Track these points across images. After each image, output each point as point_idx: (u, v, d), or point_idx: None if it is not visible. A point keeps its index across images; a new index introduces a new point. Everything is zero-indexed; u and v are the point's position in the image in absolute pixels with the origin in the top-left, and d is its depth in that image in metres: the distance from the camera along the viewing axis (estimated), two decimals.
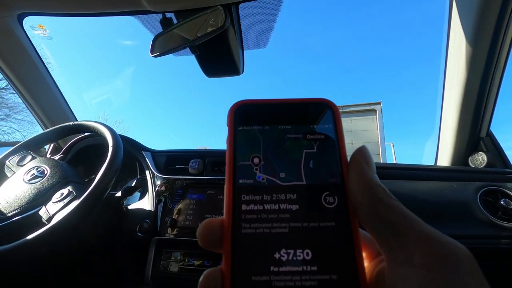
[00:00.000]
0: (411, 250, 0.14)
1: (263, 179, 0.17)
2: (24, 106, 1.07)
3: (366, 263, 0.17)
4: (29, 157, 0.81)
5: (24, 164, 0.79)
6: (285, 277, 0.15)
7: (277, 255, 0.15)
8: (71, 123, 0.86)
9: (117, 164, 0.71)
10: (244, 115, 0.19)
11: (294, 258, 0.15)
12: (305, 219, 0.16)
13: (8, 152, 0.83)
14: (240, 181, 0.17)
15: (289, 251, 0.16)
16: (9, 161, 0.81)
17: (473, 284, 0.12)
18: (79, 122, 0.86)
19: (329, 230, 0.16)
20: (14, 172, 0.78)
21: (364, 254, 0.17)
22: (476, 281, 0.12)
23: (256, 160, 0.18)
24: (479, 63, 0.79)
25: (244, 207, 0.17)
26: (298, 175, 0.17)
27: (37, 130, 1.15)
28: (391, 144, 6.86)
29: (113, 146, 0.73)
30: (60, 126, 0.87)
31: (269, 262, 0.15)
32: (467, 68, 0.81)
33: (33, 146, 0.86)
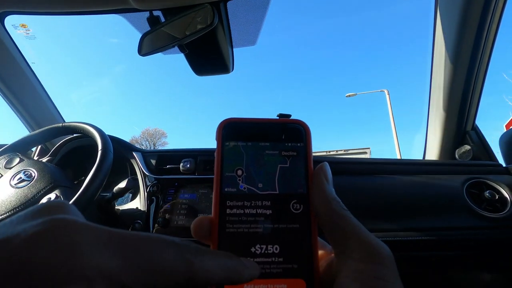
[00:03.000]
0: (352, 248, 0.18)
1: (244, 188, 0.21)
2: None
3: (320, 258, 0.22)
4: (17, 159, 0.79)
5: (12, 167, 0.77)
6: (259, 265, 0.19)
7: (253, 249, 0.20)
8: (59, 124, 0.84)
9: (106, 169, 0.70)
10: (231, 132, 0.22)
11: (266, 251, 0.20)
12: (276, 221, 0.20)
13: None
14: (226, 189, 0.21)
15: (262, 246, 0.20)
16: None
17: (387, 273, 0.17)
18: (68, 124, 0.84)
19: (294, 230, 0.20)
20: (1, 175, 0.76)
21: (320, 253, 0.21)
22: (391, 271, 0.18)
23: (239, 172, 0.21)
24: (463, 60, 0.81)
25: (228, 210, 0.20)
26: (272, 185, 0.21)
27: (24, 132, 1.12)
28: (385, 91, 7.79)
29: (102, 150, 0.72)
30: (48, 128, 0.85)
31: (247, 254, 0.19)
32: (452, 64, 0.83)
33: (21, 148, 0.84)
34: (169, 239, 0.16)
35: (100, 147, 0.73)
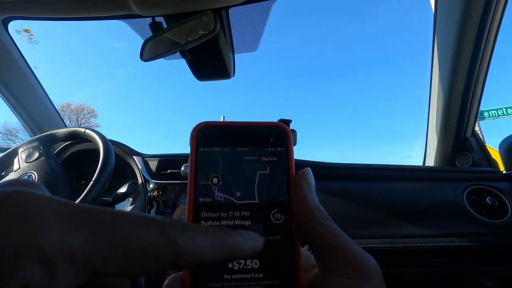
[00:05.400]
0: (336, 261, 0.17)
1: (220, 197, 0.19)
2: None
3: (304, 272, 0.21)
4: (37, 154, 0.82)
5: (31, 161, 0.81)
6: (236, 283, 0.18)
7: (230, 265, 0.18)
8: (82, 129, 0.88)
9: (103, 182, 0.70)
10: (206, 137, 0.20)
11: (244, 267, 0.18)
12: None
13: (24, 143, 0.86)
14: (200, 199, 0.19)
15: (240, 261, 0.18)
16: (21, 153, 0.83)
17: None
18: (88, 132, 0.86)
19: (275, 243, 0.19)
20: (19, 167, 0.80)
21: (304, 266, 0.20)
22: (377, 286, 0.17)
23: (215, 180, 0.19)
24: (463, 65, 0.81)
25: (203, 222, 0.19)
26: (251, 194, 0.19)
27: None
28: None
29: (102, 160, 0.72)
30: (73, 130, 0.88)
31: (223, 270, 0.18)
32: (452, 70, 0.83)
33: (46, 142, 0.87)
34: (148, 216, 0.14)
35: (102, 156, 0.73)
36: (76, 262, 0.11)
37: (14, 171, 0.80)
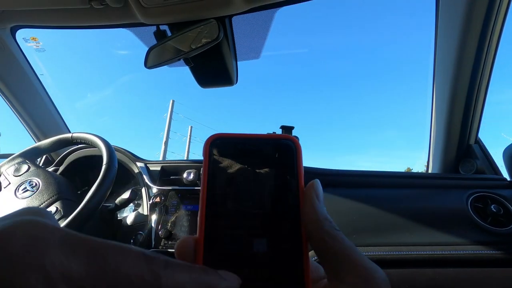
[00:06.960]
0: (345, 271, 0.18)
1: (232, 207, 0.20)
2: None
3: (313, 282, 0.21)
4: (26, 167, 0.81)
5: (20, 174, 0.79)
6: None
7: (240, 272, 0.18)
8: (69, 135, 0.86)
9: (108, 183, 0.70)
10: (219, 148, 0.21)
11: (254, 274, 0.19)
12: (265, 242, 0.19)
13: (6, 161, 0.83)
14: (212, 207, 0.20)
15: (251, 269, 0.19)
16: (5, 171, 0.81)
17: None
18: (77, 135, 0.85)
19: (285, 252, 0.19)
20: (9, 182, 0.77)
21: (312, 276, 0.20)
22: None
23: (227, 190, 0.20)
24: (465, 72, 0.81)
25: (214, 231, 0.19)
26: (261, 204, 0.20)
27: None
28: None
29: (106, 164, 0.72)
30: (59, 138, 0.86)
31: None
32: (454, 76, 0.83)
33: (30, 156, 0.86)
34: (136, 249, 0.15)
35: (105, 161, 0.73)
36: (71, 282, 0.13)
37: (5, 187, 0.78)
